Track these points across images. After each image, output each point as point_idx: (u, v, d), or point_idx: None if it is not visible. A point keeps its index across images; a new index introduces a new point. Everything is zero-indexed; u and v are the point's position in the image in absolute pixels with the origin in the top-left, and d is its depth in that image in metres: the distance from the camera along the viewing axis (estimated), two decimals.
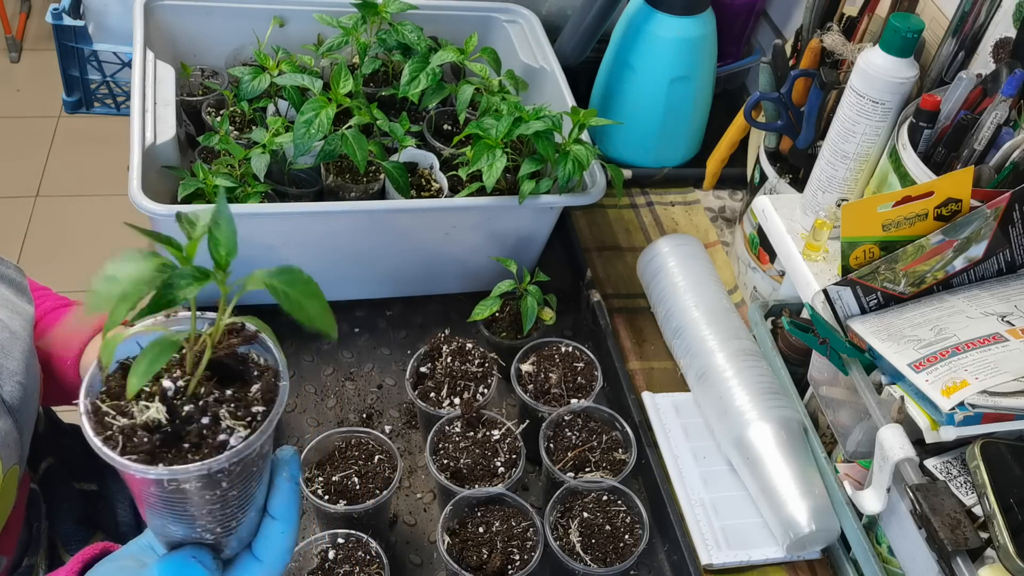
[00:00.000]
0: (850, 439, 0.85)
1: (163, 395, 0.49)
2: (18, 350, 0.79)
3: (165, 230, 0.91)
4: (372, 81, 1.13)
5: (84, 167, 2.71)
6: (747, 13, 1.32)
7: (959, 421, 0.72)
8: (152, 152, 0.94)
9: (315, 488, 0.83)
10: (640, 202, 1.27)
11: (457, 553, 0.80)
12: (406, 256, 1.03)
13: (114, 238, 2.47)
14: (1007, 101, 0.79)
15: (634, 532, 0.83)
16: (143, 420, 0.48)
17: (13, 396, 0.77)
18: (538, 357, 0.95)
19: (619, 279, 1.15)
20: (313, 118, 0.94)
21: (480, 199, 0.97)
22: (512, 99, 1.05)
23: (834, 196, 0.93)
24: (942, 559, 0.71)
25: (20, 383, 0.78)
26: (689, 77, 1.21)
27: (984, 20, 0.88)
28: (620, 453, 0.89)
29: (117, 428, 0.48)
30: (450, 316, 1.08)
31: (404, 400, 1.00)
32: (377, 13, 1.07)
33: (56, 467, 1.00)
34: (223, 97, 1.10)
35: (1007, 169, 0.80)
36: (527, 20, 1.21)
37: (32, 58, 3.11)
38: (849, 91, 0.88)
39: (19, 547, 0.88)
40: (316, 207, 0.94)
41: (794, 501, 0.86)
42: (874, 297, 0.83)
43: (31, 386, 0.80)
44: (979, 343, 0.75)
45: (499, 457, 0.86)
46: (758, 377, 0.94)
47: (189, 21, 1.13)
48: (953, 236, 0.79)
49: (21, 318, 0.82)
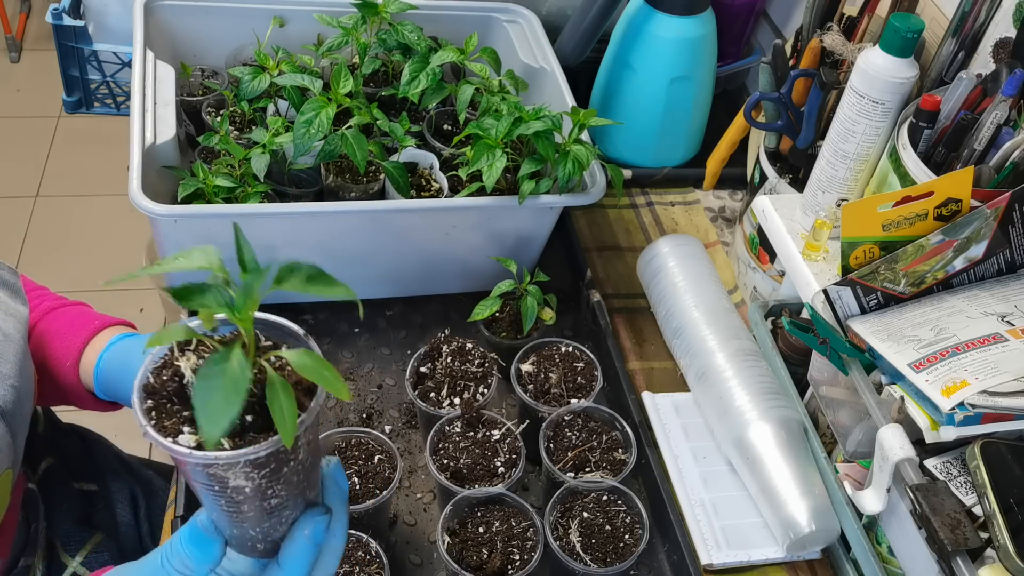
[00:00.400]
0: (850, 439, 0.85)
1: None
2: (11, 353, 0.79)
3: (165, 229, 0.92)
4: (372, 81, 1.13)
5: (84, 167, 2.72)
6: (747, 13, 1.32)
7: (959, 421, 0.72)
8: (152, 152, 0.94)
9: None
10: (640, 202, 1.27)
11: (457, 553, 0.80)
12: (406, 256, 1.03)
13: (114, 238, 2.48)
14: (1007, 101, 0.79)
15: (634, 532, 0.83)
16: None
17: (6, 400, 0.76)
18: (538, 357, 0.95)
19: (619, 279, 1.15)
20: (313, 118, 0.94)
21: (480, 199, 0.97)
22: (512, 99, 1.05)
23: (834, 196, 0.93)
24: (942, 559, 0.71)
25: (13, 386, 0.77)
26: (689, 77, 1.21)
27: (984, 20, 0.88)
28: (620, 453, 0.89)
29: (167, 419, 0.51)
30: (450, 316, 1.08)
31: (404, 400, 1.00)
32: (377, 13, 1.07)
33: (55, 467, 1.00)
34: (223, 97, 1.10)
35: (1007, 169, 0.80)
36: (527, 20, 1.21)
37: (32, 58, 3.11)
38: (849, 91, 0.88)
39: (15, 547, 0.88)
40: (316, 207, 0.94)
41: (794, 501, 0.86)
42: (874, 297, 0.83)
43: (24, 389, 0.80)
44: (979, 343, 0.75)
45: (499, 457, 0.86)
46: (758, 377, 0.94)
47: (189, 21, 1.13)
48: (953, 236, 0.79)
49: (15, 320, 0.82)
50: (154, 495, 1.08)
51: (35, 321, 0.93)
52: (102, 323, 0.93)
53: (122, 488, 1.06)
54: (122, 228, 2.42)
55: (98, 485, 1.04)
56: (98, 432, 1.13)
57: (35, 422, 1.02)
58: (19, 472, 0.86)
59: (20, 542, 0.89)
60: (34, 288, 0.96)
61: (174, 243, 0.94)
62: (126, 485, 1.07)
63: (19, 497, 0.89)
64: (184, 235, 0.93)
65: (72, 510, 0.98)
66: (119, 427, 1.13)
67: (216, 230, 0.93)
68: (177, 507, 0.85)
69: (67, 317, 0.93)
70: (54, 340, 0.91)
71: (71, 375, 0.90)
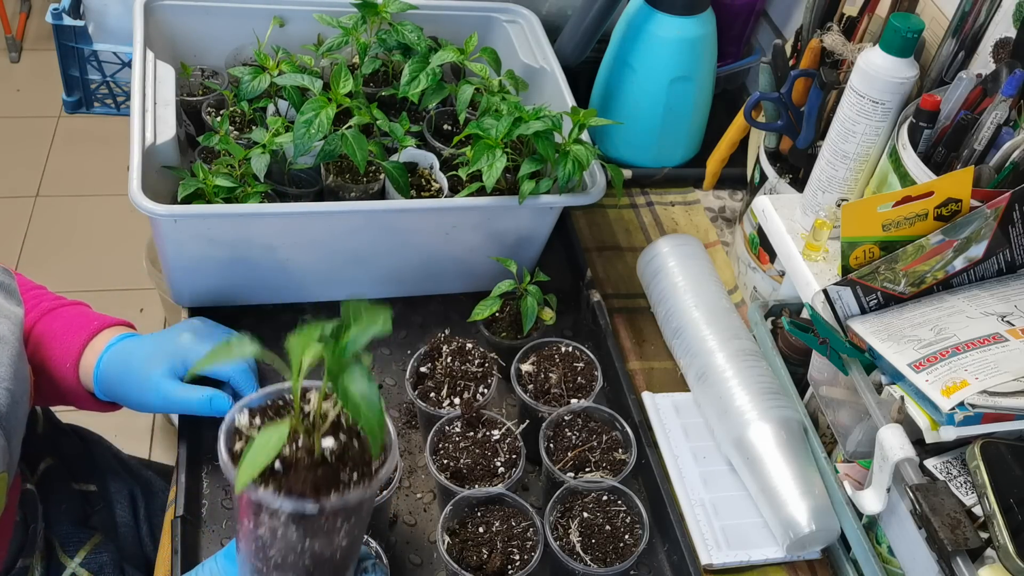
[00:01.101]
0: (850, 439, 0.85)
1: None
2: (5, 355, 0.78)
3: (165, 229, 0.92)
4: (372, 81, 1.13)
5: (84, 167, 2.71)
6: (747, 13, 1.32)
7: (959, 421, 0.72)
8: (152, 152, 0.94)
9: None
10: (640, 202, 1.27)
11: (457, 553, 0.80)
12: (406, 256, 1.03)
13: (114, 238, 2.48)
14: (1007, 101, 0.79)
15: (634, 532, 0.83)
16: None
17: (1, 403, 0.76)
18: (538, 357, 0.95)
19: (619, 279, 1.15)
20: (313, 118, 0.94)
21: (480, 199, 0.97)
22: (512, 99, 1.05)
23: (834, 196, 0.93)
24: (942, 559, 0.71)
25: (8, 389, 0.77)
26: (689, 77, 1.21)
27: (984, 20, 0.88)
28: (620, 453, 0.89)
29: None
30: (450, 316, 1.08)
31: (404, 400, 1.00)
32: (377, 13, 1.07)
33: (55, 468, 1.00)
34: (223, 97, 1.10)
35: (1007, 169, 0.80)
36: (527, 20, 1.21)
37: (32, 58, 3.11)
38: (849, 91, 0.88)
39: (13, 548, 0.88)
40: (316, 207, 0.94)
41: (794, 501, 0.86)
42: (874, 297, 0.83)
43: (19, 391, 0.79)
44: (979, 343, 0.75)
45: (499, 457, 0.86)
46: (758, 377, 0.94)
47: (189, 21, 1.13)
48: (953, 236, 0.79)
49: (9, 322, 0.81)
50: (153, 496, 1.08)
51: (34, 322, 0.93)
52: (101, 324, 0.93)
53: (121, 489, 1.06)
54: (122, 228, 2.42)
55: (97, 485, 1.04)
56: (97, 432, 1.13)
57: (34, 422, 1.02)
58: (16, 473, 0.86)
59: (18, 542, 0.89)
60: (32, 288, 0.95)
61: (174, 243, 0.94)
62: (125, 486, 1.07)
63: (16, 498, 0.89)
64: (184, 235, 0.93)
65: (71, 511, 0.98)
66: (119, 427, 1.13)
67: (216, 230, 0.93)
68: (177, 507, 0.85)
69: (66, 317, 0.93)
70: (53, 341, 0.91)
71: (71, 376, 0.90)
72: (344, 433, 0.60)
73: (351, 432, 0.61)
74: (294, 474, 0.57)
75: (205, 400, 0.88)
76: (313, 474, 0.57)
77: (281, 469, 0.57)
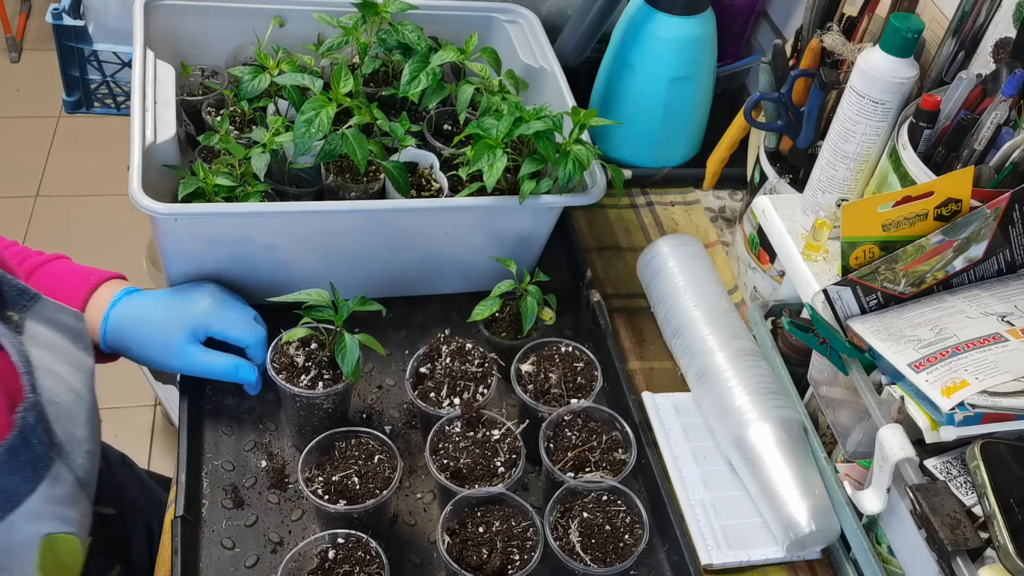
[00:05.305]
0: (850, 439, 0.85)
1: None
2: (83, 413, 0.76)
3: (165, 228, 0.92)
4: (372, 81, 1.13)
5: (84, 167, 2.72)
6: (747, 13, 1.32)
7: (959, 421, 0.72)
8: (152, 151, 0.94)
9: (315, 488, 0.83)
10: (640, 202, 1.27)
11: (457, 553, 0.80)
12: (406, 256, 1.03)
13: (114, 238, 2.48)
14: (1007, 101, 0.79)
15: (634, 532, 0.83)
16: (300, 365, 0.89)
17: (84, 469, 0.74)
18: (538, 357, 0.95)
19: (619, 279, 1.15)
20: (313, 118, 0.94)
21: (480, 199, 0.97)
22: (512, 99, 1.05)
23: (834, 196, 0.93)
24: (942, 559, 0.71)
25: (88, 451, 0.75)
26: (689, 77, 1.21)
27: (984, 20, 0.88)
28: (620, 453, 0.89)
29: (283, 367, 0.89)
30: (450, 316, 1.08)
31: (404, 400, 1.00)
32: (377, 13, 1.07)
33: None
34: (223, 97, 1.10)
35: (1007, 169, 0.80)
36: (527, 20, 1.21)
37: (32, 58, 3.11)
38: (849, 91, 0.88)
39: None
40: (316, 207, 0.94)
41: (794, 501, 0.86)
42: (874, 297, 0.83)
43: (95, 449, 0.78)
44: (979, 343, 0.75)
45: (499, 457, 0.86)
46: (758, 377, 0.94)
47: (189, 21, 1.13)
48: (953, 236, 0.79)
49: (81, 372, 0.78)
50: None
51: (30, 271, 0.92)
52: (97, 278, 0.93)
53: (139, 519, 1.04)
54: (122, 228, 2.42)
55: (115, 508, 1.02)
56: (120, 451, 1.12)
57: None
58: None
59: None
60: (9, 246, 0.93)
61: (174, 242, 0.94)
62: (143, 516, 1.05)
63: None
64: (184, 234, 0.93)
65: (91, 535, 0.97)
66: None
67: (216, 229, 0.93)
68: (177, 507, 0.85)
69: (55, 273, 0.92)
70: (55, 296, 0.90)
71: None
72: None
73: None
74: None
75: (232, 367, 0.91)
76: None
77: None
